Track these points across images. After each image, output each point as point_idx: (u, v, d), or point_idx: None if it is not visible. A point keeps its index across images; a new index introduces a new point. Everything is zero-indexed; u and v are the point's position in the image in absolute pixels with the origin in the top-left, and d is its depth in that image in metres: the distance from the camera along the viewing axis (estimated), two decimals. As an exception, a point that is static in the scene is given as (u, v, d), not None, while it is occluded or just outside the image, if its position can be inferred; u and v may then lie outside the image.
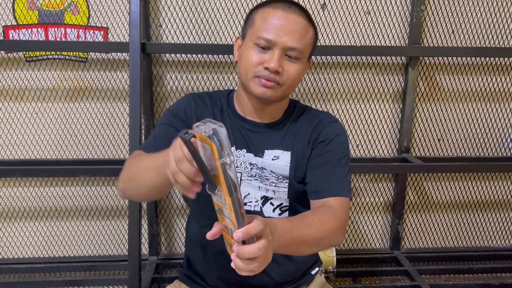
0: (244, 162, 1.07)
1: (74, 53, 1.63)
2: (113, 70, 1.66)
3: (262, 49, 1.00)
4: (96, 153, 1.72)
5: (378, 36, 1.71)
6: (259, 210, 1.08)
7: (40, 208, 1.75)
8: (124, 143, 1.72)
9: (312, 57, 1.67)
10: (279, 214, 1.09)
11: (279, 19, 1.00)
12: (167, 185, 0.87)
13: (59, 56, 1.63)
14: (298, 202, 1.10)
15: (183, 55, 1.66)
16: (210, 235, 0.74)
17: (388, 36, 1.71)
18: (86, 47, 1.57)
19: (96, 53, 1.64)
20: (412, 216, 1.90)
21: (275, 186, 1.07)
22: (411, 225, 1.91)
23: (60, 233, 1.78)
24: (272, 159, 1.08)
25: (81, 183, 1.74)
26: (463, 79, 1.78)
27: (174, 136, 0.86)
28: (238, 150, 1.08)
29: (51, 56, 1.62)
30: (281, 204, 1.09)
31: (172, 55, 1.66)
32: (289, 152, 1.08)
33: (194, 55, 1.66)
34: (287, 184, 1.07)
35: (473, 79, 1.78)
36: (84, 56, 1.64)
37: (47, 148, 1.70)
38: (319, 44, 1.67)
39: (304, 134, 1.10)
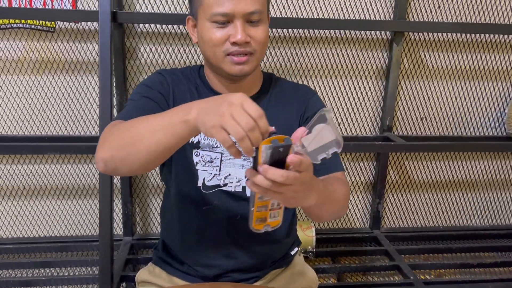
0: None
1: (41, 22, 1.52)
2: (83, 41, 1.56)
3: (222, 24, 0.92)
4: (65, 129, 1.63)
5: (362, 10, 1.64)
6: (241, 190, 1.03)
7: (7, 187, 1.66)
8: (95, 119, 1.63)
9: (294, 30, 1.63)
10: None
11: None
12: (175, 147, 0.78)
13: (25, 25, 1.52)
14: None
15: (157, 25, 1.56)
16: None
17: (373, 10, 1.65)
18: (53, 15, 1.46)
19: (65, 22, 1.53)
20: (392, 195, 1.88)
21: None
22: (392, 204, 1.89)
23: (29, 213, 1.70)
24: None
25: (50, 161, 1.65)
26: (447, 56, 1.74)
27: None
28: None
29: (15, 25, 1.51)
30: None
31: (147, 25, 1.56)
32: (273, 127, 1.02)
33: (170, 26, 1.57)
34: None
35: (457, 56, 1.74)
36: (51, 25, 1.53)
37: (13, 124, 1.60)
38: (301, 17, 1.61)
39: (288, 106, 1.05)
